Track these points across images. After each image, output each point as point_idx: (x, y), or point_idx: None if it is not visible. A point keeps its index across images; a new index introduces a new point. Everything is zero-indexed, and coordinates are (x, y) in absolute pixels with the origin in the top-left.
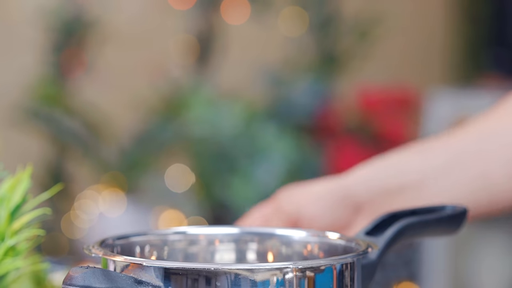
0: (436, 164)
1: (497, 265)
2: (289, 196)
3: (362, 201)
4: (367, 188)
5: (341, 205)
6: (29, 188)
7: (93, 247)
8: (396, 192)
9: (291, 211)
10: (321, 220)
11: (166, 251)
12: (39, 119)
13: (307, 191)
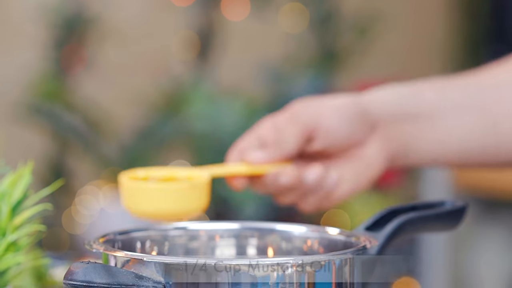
0: (451, 101)
1: (496, 260)
2: (306, 107)
3: (377, 120)
4: (384, 108)
5: (359, 120)
6: (30, 183)
7: (94, 242)
8: (410, 119)
9: (307, 121)
10: (338, 133)
11: (167, 247)
12: (40, 115)
13: (325, 103)
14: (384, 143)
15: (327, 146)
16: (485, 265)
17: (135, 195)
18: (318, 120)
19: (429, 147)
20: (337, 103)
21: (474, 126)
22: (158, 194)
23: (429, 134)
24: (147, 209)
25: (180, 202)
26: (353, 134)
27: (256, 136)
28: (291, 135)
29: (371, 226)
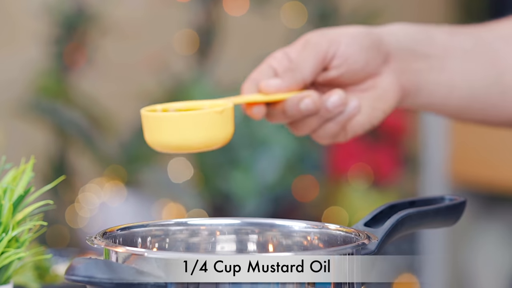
0: (461, 46)
1: (495, 256)
2: (322, 35)
3: (391, 52)
4: (398, 41)
5: (374, 49)
6: (32, 179)
7: (95, 238)
8: (422, 56)
9: (323, 47)
10: (355, 62)
11: (168, 242)
12: (41, 112)
13: (341, 31)
14: (397, 76)
15: (343, 73)
16: (484, 260)
17: (159, 127)
18: (335, 47)
19: (437, 87)
20: (353, 32)
21: (481, 74)
22: (183, 123)
23: (438, 74)
24: (173, 140)
25: (206, 130)
26: (368, 63)
27: (269, 66)
28: (307, 62)
29: (370, 222)
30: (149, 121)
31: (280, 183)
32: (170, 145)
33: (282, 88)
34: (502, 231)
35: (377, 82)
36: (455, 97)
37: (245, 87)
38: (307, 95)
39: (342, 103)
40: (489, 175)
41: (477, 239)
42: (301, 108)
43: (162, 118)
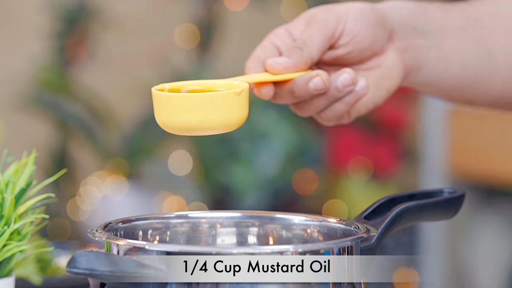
0: (454, 23)
1: (494, 248)
2: (328, 10)
3: (394, 28)
4: (400, 17)
5: (381, 25)
6: (33, 173)
7: (96, 230)
8: (421, 33)
9: (331, 24)
10: (363, 39)
11: (168, 235)
12: (43, 106)
13: (348, 6)
14: (400, 53)
15: (350, 51)
16: (483, 253)
17: (175, 107)
18: (343, 24)
19: (436, 64)
20: (360, 7)
21: (473, 51)
22: (201, 104)
23: (437, 51)
24: (189, 122)
25: (224, 111)
26: (376, 40)
27: (272, 43)
28: (315, 39)
29: (369, 215)
30: (163, 101)
31: (280, 176)
32: (185, 127)
33: (289, 67)
34: (501, 224)
35: (382, 60)
36: (451, 75)
37: (249, 65)
38: (316, 74)
39: (352, 82)
40: (488, 168)
41: (476, 232)
42: (310, 88)
43: (179, 98)
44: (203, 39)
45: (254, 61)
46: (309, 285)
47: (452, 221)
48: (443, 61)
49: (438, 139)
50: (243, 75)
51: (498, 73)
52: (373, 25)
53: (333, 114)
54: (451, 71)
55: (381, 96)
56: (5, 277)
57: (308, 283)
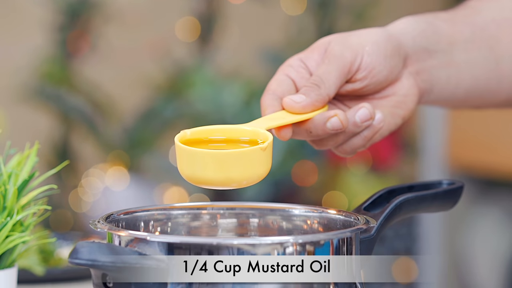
0: (463, 36)
1: (491, 239)
2: (344, 42)
3: (408, 53)
4: (413, 41)
5: (396, 55)
6: (36, 164)
7: (98, 222)
8: (432, 52)
9: (347, 59)
10: (379, 72)
11: (170, 226)
12: (46, 98)
13: (363, 38)
14: (414, 77)
15: (367, 84)
16: (481, 244)
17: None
18: (359, 58)
19: (447, 82)
20: (376, 39)
21: (482, 63)
22: (228, 160)
23: (447, 69)
24: (215, 177)
25: (250, 167)
26: (392, 70)
27: (287, 76)
28: (332, 76)
29: (369, 206)
30: (187, 156)
31: (281, 168)
32: (210, 182)
33: (307, 106)
34: (499, 215)
35: (397, 88)
36: (461, 90)
37: (266, 102)
38: (334, 114)
39: (370, 117)
40: (486, 160)
41: (475, 223)
42: (327, 127)
43: (204, 155)
44: (203, 32)
45: (271, 97)
46: (309, 285)
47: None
48: (454, 77)
49: (437, 131)
50: (242, 65)
51: (505, 80)
52: (389, 57)
53: (350, 148)
54: (462, 85)
55: (396, 124)
56: (8, 268)
57: (308, 283)
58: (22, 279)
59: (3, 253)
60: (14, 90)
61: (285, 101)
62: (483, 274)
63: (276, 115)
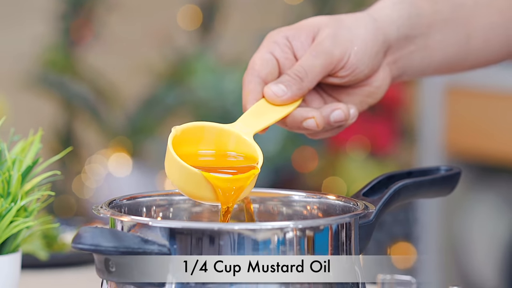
0: (443, 15)
1: (488, 225)
2: (335, 38)
3: (390, 45)
4: (397, 30)
5: (381, 51)
6: (40, 151)
7: (101, 207)
8: (412, 38)
9: (335, 57)
10: (361, 71)
11: (171, 211)
12: (49, 85)
13: (354, 35)
14: (390, 67)
15: (345, 82)
16: (478, 229)
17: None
18: (346, 57)
19: (419, 64)
20: (364, 36)
21: (455, 41)
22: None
23: (422, 53)
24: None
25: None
26: (374, 67)
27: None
28: (317, 72)
29: (368, 192)
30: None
31: (281, 154)
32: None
33: (288, 100)
34: (496, 201)
35: (372, 80)
36: (432, 68)
37: (250, 84)
38: (312, 116)
39: (345, 119)
40: (483, 146)
41: (472, 209)
42: (303, 126)
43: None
44: (205, 20)
45: (255, 80)
46: (309, 285)
47: (449, 198)
48: (427, 59)
49: (435, 117)
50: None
51: (473, 53)
52: (374, 56)
53: (319, 136)
54: (432, 64)
55: (362, 109)
56: (12, 253)
57: (308, 283)
58: (26, 264)
59: (7, 238)
60: (18, 77)
61: (267, 92)
62: (480, 259)
63: (260, 110)
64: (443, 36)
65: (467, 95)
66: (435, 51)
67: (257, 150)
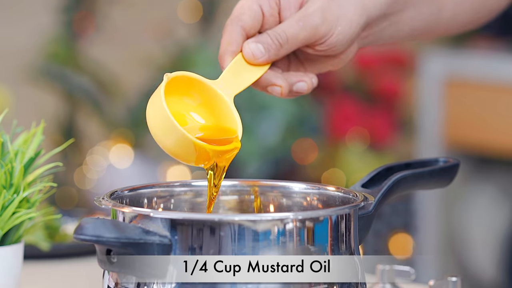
0: None
1: (486, 216)
2: (324, 13)
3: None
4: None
5: (360, 32)
6: (42, 142)
7: (103, 198)
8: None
9: (320, 32)
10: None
11: (172, 203)
12: (51, 77)
13: (342, 13)
14: (360, 42)
15: (320, 54)
16: (477, 220)
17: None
18: (329, 35)
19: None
20: (351, 16)
21: (427, 13)
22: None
23: (393, 27)
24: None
25: None
26: (350, 44)
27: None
28: (298, 41)
29: (367, 183)
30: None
31: (281, 146)
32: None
33: (264, 62)
34: (494, 192)
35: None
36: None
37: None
38: (279, 85)
39: (307, 91)
40: (482, 138)
41: (470, 200)
42: (267, 90)
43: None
44: (205, 12)
45: (238, 30)
46: (309, 285)
47: (447, 189)
48: (395, 33)
49: (434, 109)
50: None
51: (443, 23)
52: (355, 36)
53: None
54: (399, 36)
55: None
56: (15, 244)
57: (308, 283)
58: (28, 255)
59: (10, 229)
60: (20, 69)
61: (246, 50)
62: (478, 249)
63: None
64: (416, 11)
65: (466, 87)
66: (405, 26)
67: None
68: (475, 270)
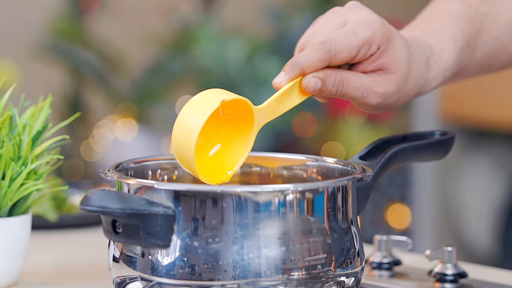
0: None
1: (481, 187)
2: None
3: None
4: None
5: None
6: (49, 116)
7: (108, 170)
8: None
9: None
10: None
11: (176, 174)
12: (58, 53)
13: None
14: None
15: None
16: (472, 191)
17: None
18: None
19: None
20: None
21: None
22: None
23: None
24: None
25: None
26: None
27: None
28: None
29: (365, 156)
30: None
31: (281, 119)
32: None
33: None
34: (489, 164)
35: None
36: None
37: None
38: None
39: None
40: (477, 111)
41: (466, 172)
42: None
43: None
44: None
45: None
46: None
47: (443, 162)
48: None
49: None
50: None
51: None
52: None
53: None
54: None
55: None
56: (23, 214)
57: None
58: (36, 225)
59: (18, 200)
60: (28, 45)
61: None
62: (473, 220)
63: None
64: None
65: None
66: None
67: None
68: (470, 240)
